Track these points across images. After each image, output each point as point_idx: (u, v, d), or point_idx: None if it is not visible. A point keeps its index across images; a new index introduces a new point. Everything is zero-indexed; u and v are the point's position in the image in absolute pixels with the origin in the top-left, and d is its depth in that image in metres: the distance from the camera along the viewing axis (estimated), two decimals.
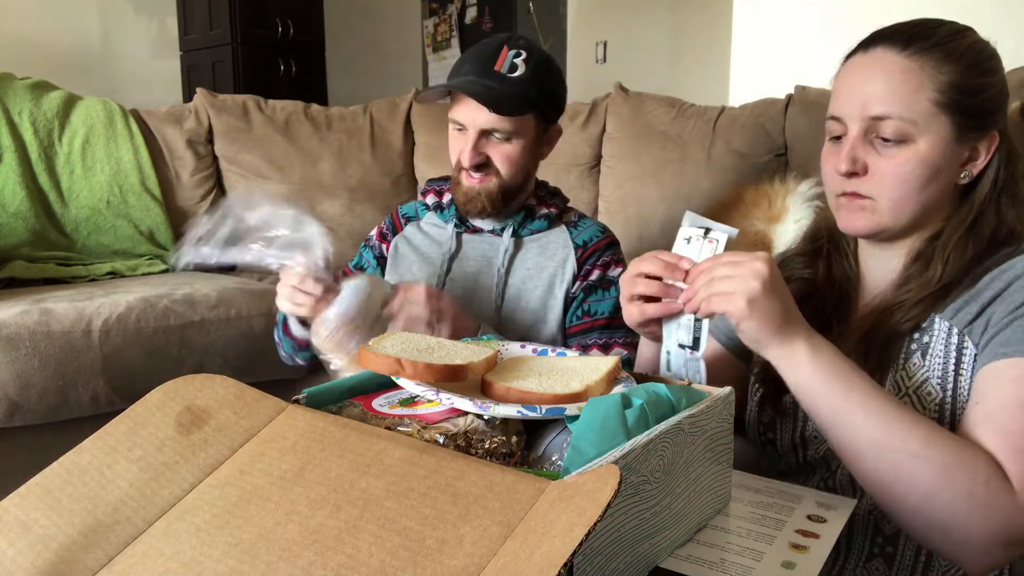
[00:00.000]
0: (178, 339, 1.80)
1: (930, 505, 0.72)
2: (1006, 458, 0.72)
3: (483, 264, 1.35)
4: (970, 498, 0.70)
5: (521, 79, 1.24)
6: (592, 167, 2.48)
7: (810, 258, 1.00)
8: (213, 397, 0.65)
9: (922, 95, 0.82)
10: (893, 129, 0.83)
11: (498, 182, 1.28)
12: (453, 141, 1.30)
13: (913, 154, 0.83)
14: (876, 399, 0.75)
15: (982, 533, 0.70)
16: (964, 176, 0.86)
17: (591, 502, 0.46)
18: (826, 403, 0.77)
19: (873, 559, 0.89)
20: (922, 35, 0.84)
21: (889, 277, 0.91)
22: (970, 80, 0.83)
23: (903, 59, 0.83)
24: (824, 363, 0.77)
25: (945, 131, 0.83)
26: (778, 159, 2.22)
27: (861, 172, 0.86)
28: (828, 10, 2.61)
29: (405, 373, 0.71)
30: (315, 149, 2.60)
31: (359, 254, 1.48)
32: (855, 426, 0.75)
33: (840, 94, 0.88)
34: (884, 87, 0.83)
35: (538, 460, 0.67)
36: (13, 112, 2.27)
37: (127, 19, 4.53)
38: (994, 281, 0.81)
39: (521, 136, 1.27)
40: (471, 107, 1.23)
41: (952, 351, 0.83)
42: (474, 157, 1.26)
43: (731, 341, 1.04)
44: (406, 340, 0.78)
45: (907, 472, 0.72)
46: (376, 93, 3.07)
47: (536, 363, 0.82)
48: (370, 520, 0.51)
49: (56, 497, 0.58)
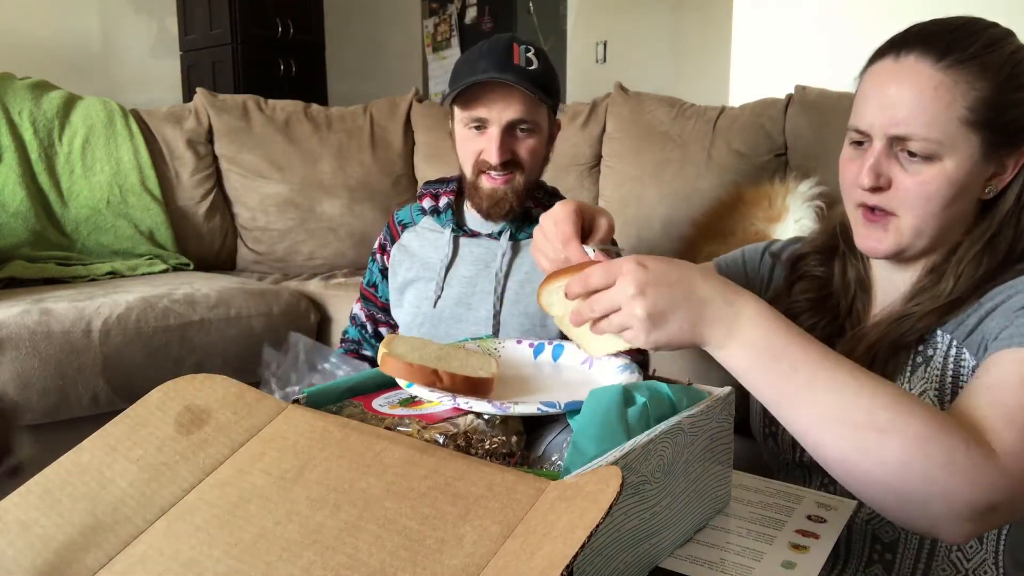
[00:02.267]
0: (178, 339, 1.80)
1: (903, 479, 0.65)
2: (997, 425, 0.68)
3: (481, 268, 1.35)
4: (949, 466, 0.64)
5: (539, 72, 1.25)
6: (592, 167, 2.48)
7: (825, 256, 0.97)
8: (213, 397, 0.65)
9: (952, 113, 0.78)
10: (919, 147, 0.79)
11: (523, 180, 1.27)
12: (468, 144, 1.28)
13: (939, 172, 0.79)
14: (827, 371, 0.67)
15: (966, 502, 0.65)
16: (989, 191, 0.83)
17: (592, 504, 0.46)
18: (769, 387, 0.69)
19: (872, 565, 0.89)
20: (960, 43, 0.79)
21: (900, 288, 0.89)
22: (1005, 96, 0.78)
23: (937, 72, 0.78)
24: (759, 347, 0.68)
25: (973, 149, 0.79)
26: (778, 159, 2.22)
27: (885, 187, 0.82)
28: (828, 10, 2.61)
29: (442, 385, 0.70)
30: (315, 149, 2.60)
31: (369, 270, 1.49)
32: (808, 405, 0.67)
33: (866, 104, 0.83)
34: (912, 104, 0.79)
35: (538, 460, 0.67)
36: (13, 112, 2.27)
37: (127, 19, 4.53)
38: (996, 295, 0.80)
39: (541, 130, 1.27)
40: (496, 102, 1.22)
41: (951, 363, 0.82)
42: (503, 154, 1.24)
43: None
44: (415, 345, 0.77)
45: (875, 447, 0.65)
46: (376, 93, 3.07)
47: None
48: (370, 520, 0.51)
49: (56, 497, 0.58)
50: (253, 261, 2.59)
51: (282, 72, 4.64)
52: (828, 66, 2.42)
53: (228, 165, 2.56)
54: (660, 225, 2.26)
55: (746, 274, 1.06)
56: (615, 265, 0.70)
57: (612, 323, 0.70)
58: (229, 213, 2.58)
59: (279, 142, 2.58)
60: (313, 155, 2.59)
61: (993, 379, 0.72)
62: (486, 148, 1.25)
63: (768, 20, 2.77)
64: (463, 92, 1.24)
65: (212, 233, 2.54)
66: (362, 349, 1.47)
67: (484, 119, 1.24)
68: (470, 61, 1.27)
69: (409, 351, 0.74)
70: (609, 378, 0.77)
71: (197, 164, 2.51)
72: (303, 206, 2.56)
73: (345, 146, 2.63)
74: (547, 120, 1.29)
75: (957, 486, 0.65)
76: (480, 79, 1.22)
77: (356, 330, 1.48)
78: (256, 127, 2.58)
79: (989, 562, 0.85)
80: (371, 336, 1.47)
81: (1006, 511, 0.66)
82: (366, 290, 1.48)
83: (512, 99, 1.22)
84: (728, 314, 0.68)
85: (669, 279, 0.68)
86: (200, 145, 2.53)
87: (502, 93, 1.22)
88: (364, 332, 1.47)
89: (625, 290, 0.68)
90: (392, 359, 0.72)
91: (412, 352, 0.74)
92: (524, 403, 0.67)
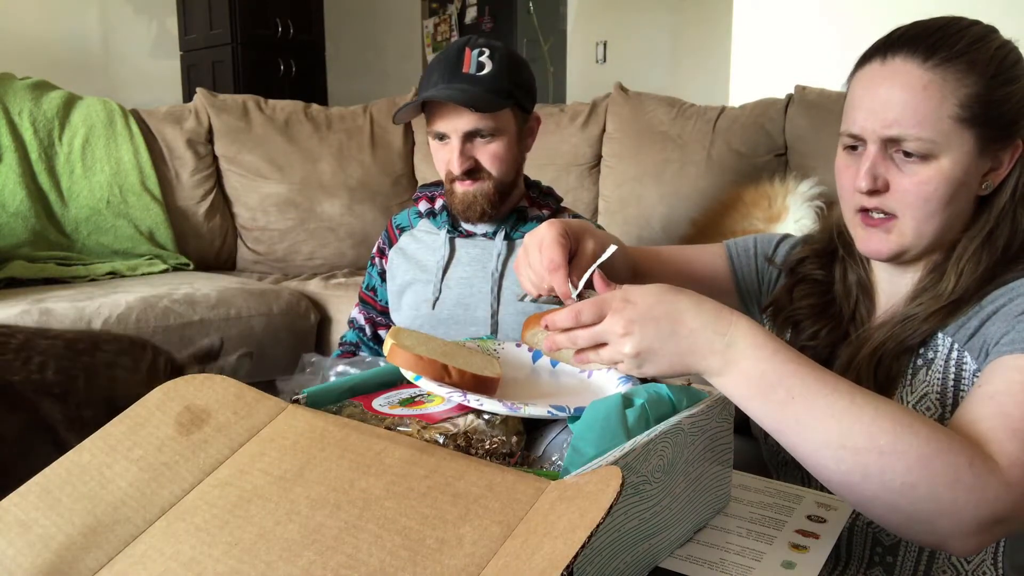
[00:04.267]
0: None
1: (909, 499, 0.65)
2: (1001, 437, 0.68)
3: (477, 269, 1.35)
4: (955, 485, 0.64)
5: (491, 75, 1.24)
6: (592, 167, 2.48)
7: (824, 260, 0.97)
8: (213, 397, 0.65)
9: (943, 111, 0.78)
10: (914, 147, 0.79)
11: (492, 183, 1.28)
12: (437, 154, 1.30)
13: (936, 172, 0.80)
14: (825, 397, 0.65)
15: (972, 518, 0.65)
16: (985, 187, 0.82)
17: (593, 504, 0.46)
18: (767, 416, 0.68)
19: (872, 567, 0.89)
20: (946, 42, 0.79)
21: (902, 290, 0.89)
22: (994, 90, 0.79)
23: (925, 72, 0.79)
24: (753, 377, 0.67)
25: (968, 146, 0.79)
26: (778, 159, 2.22)
27: (883, 189, 0.82)
28: (828, 10, 2.61)
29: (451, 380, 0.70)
30: (315, 149, 2.60)
31: (368, 274, 1.49)
32: (807, 431, 0.66)
33: (857, 109, 0.83)
34: (904, 105, 0.79)
35: (538, 460, 0.67)
36: (13, 112, 2.27)
37: (127, 19, 4.54)
38: (998, 298, 0.79)
39: (504, 132, 1.27)
40: (449, 114, 1.23)
41: (952, 367, 0.82)
42: (463, 163, 1.25)
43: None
44: (420, 339, 0.77)
45: (877, 471, 0.65)
46: (376, 93, 3.08)
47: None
48: (370, 520, 0.51)
49: (56, 497, 0.58)
50: (253, 261, 2.59)
51: (282, 72, 4.64)
52: (828, 66, 2.42)
53: (228, 165, 2.56)
54: (660, 225, 2.26)
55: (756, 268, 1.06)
56: (604, 302, 0.69)
57: (602, 356, 0.70)
58: (229, 213, 2.58)
59: (279, 142, 2.58)
60: (313, 155, 2.59)
61: (995, 388, 0.72)
62: (450, 159, 1.27)
63: (768, 20, 2.78)
64: (422, 106, 1.26)
65: (212, 233, 2.54)
66: (359, 352, 1.47)
67: (442, 132, 1.26)
68: (428, 73, 1.28)
69: (416, 344, 0.74)
70: (607, 387, 0.77)
71: (197, 164, 2.51)
72: (303, 206, 2.57)
73: (345, 146, 2.63)
74: (512, 120, 1.28)
75: (963, 503, 0.65)
76: (428, 96, 1.23)
77: (355, 333, 1.48)
78: (256, 127, 2.58)
79: (988, 564, 0.85)
80: (370, 339, 1.47)
81: (1013, 522, 0.67)
82: (365, 294, 1.48)
83: (463, 110, 1.22)
84: (720, 345, 0.67)
85: (656, 314, 0.67)
86: (200, 145, 2.53)
87: (453, 106, 1.23)
88: (363, 335, 1.47)
89: (613, 328, 0.67)
90: (401, 350, 0.71)
91: (419, 346, 0.73)
92: (534, 405, 0.67)
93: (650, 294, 0.68)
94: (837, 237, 0.96)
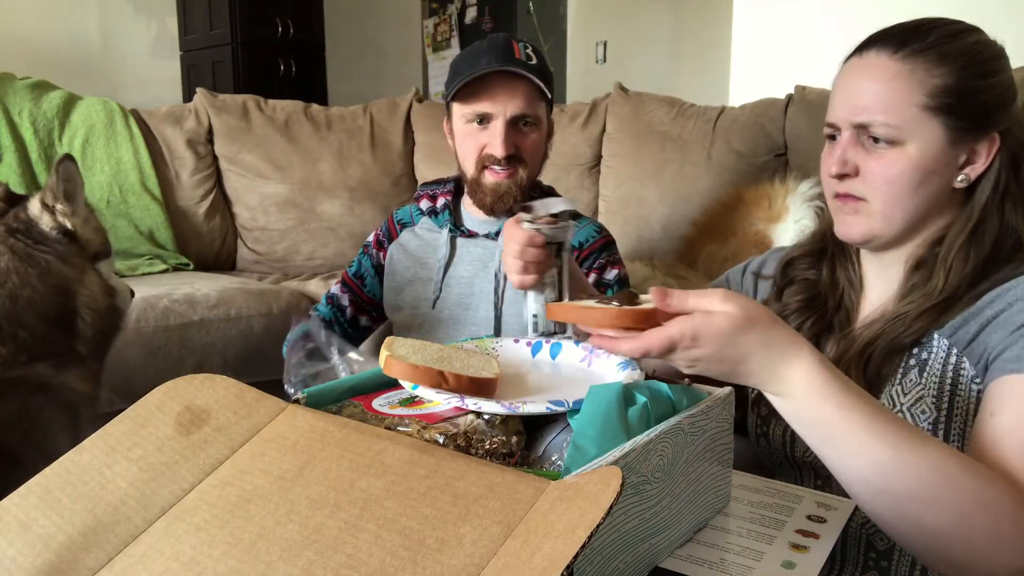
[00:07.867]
0: (178, 339, 1.80)
1: (945, 547, 0.66)
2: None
3: (479, 269, 1.35)
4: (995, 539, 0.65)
5: (539, 67, 1.25)
6: (592, 167, 2.48)
7: (815, 259, 0.99)
8: (213, 397, 0.65)
9: (910, 100, 0.81)
10: (881, 132, 0.82)
11: (525, 174, 1.28)
12: (472, 137, 1.27)
13: (902, 156, 0.82)
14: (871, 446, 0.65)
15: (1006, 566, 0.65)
16: (961, 180, 0.84)
17: (593, 504, 0.46)
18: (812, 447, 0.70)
19: (867, 571, 0.89)
20: (918, 36, 0.83)
21: (891, 287, 0.90)
22: (966, 82, 0.81)
23: (895, 62, 0.82)
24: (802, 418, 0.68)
25: (936, 134, 0.81)
26: (778, 159, 2.22)
27: (852, 173, 0.85)
28: (828, 10, 2.61)
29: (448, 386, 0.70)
30: (315, 149, 2.60)
31: (357, 260, 1.47)
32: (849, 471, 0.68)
33: (834, 99, 0.87)
34: (872, 93, 0.83)
35: (538, 460, 0.67)
36: (13, 112, 2.27)
37: (127, 19, 4.53)
38: (995, 301, 0.79)
39: (542, 125, 1.28)
40: (501, 95, 1.23)
41: (949, 371, 0.82)
42: (508, 147, 1.24)
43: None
44: (415, 347, 0.77)
45: (915, 518, 0.65)
46: (376, 93, 3.07)
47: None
48: (370, 520, 0.51)
49: (56, 497, 0.58)
50: (253, 261, 2.59)
51: (282, 72, 4.64)
52: (828, 66, 2.42)
53: (228, 165, 2.56)
54: (660, 225, 2.26)
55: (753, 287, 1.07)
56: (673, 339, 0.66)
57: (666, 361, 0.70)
58: (229, 213, 2.58)
59: (279, 142, 2.58)
60: (313, 155, 2.59)
61: (1013, 419, 0.72)
62: (490, 142, 1.25)
63: (768, 20, 2.78)
64: (465, 87, 1.24)
65: (212, 233, 2.54)
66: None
67: (488, 113, 1.25)
68: (470, 58, 1.27)
69: (411, 353, 0.74)
70: (609, 375, 0.77)
71: (197, 164, 2.51)
72: (303, 206, 2.56)
73: (345, 146, 2.63)
74: (547, 116, 1.30)
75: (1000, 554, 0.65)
76: (485, 71, 1.22)
77: (330, 310, 1.45)
78: (256, 127, 2.58)
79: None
80: (346, 322, 1.44)
81: None
82: (351, 279, 1.45)
83: (516, 93, 1.23)
84: (773, 387, 0.68)
85: (723, 356, 0.66)
86: (200, 145, 2.53)
87: (506, 88, 1.23)
88: (340, 315, 1.44)
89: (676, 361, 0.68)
90: (396, 361, 0.71)
91: (414, 354, 0.73)
92: (532, 402, 0.67)
93: (723, 335, 0.65)
94: (830, 236, 0.97)
